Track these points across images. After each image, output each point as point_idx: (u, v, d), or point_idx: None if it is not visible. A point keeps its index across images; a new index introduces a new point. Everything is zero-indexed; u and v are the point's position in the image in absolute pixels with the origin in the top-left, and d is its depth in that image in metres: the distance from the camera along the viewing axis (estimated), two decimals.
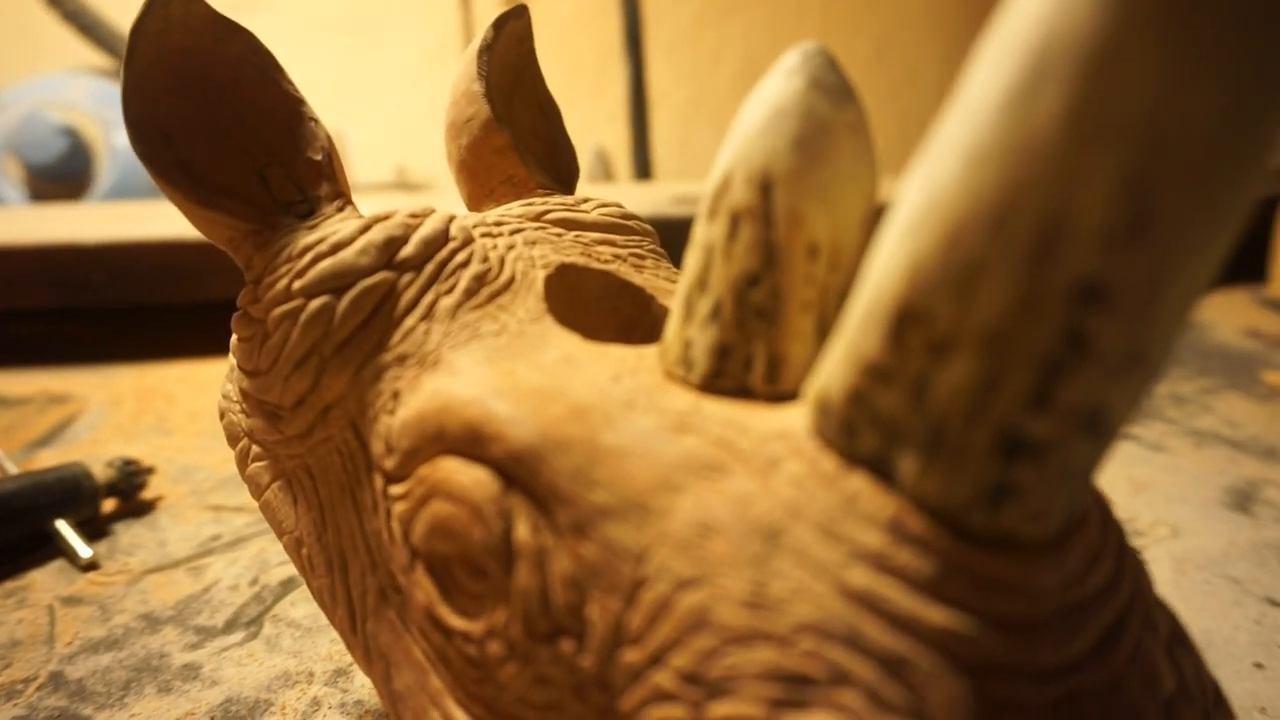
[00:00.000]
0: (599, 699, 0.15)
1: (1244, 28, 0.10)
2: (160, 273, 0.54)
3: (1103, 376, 0.11)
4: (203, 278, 0.55)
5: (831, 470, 0.14)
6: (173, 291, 0.55)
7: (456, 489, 0.16)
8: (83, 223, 0.55)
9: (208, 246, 0.54)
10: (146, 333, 0.57)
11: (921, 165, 0.12)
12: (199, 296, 0.56)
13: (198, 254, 0.54)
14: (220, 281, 0.55)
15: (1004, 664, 0.13)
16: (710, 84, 1.13)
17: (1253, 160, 0.10)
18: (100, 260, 0.52)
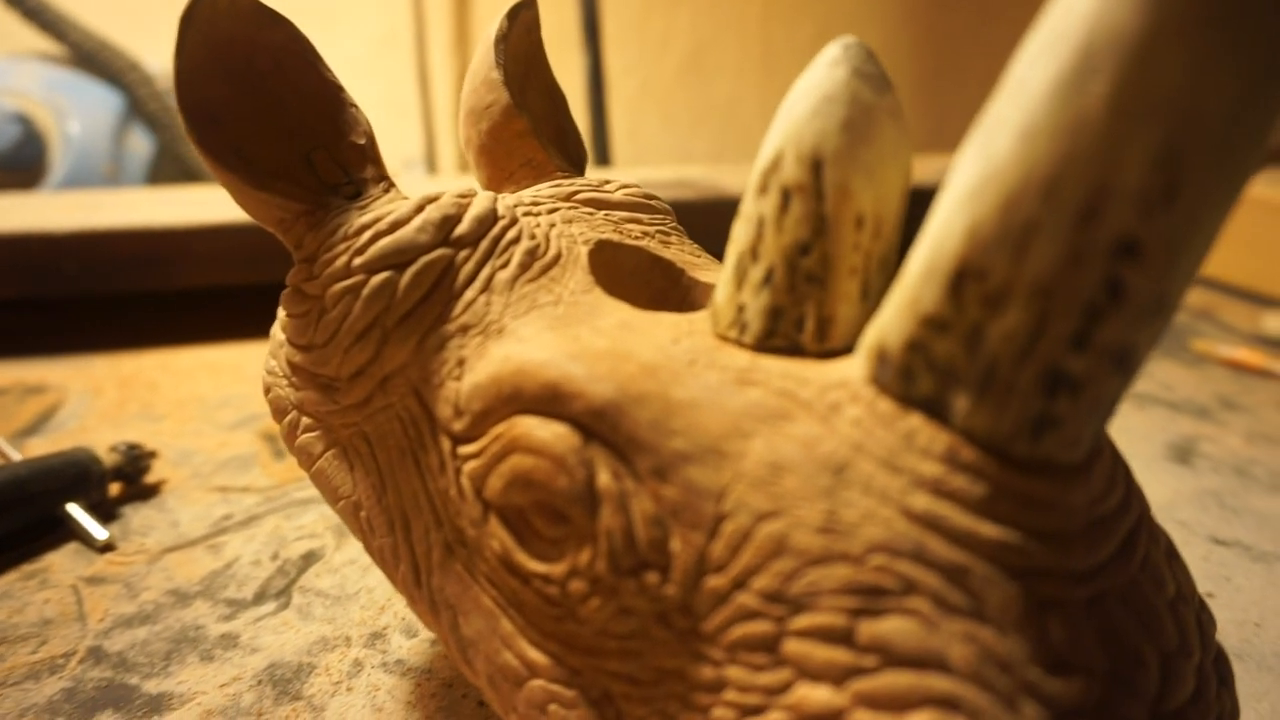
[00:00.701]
0: (683, 623, 0.17)
1: (1258, 28, 0.12)
2: (134, 261, 0.54)
3: (1133, 319, 0.14)
4: (177, 266, 0.55)
5: (889, 412, 0.16)
6: (147, 280, 0.54)
7: (538, 443, 0.18)
8: (51, 211, 0.54)
9: (183, 234, 0.54)
10: (121, 321, 0.57)
11: (975, 142, 0.14)
12: (174, 285, 0.55)
13: (172, 241, 0.54)
14: (197, 269, 0.55)
15: (1046, 569, 0.15)
16: (658, 73, 1.14)
17: (1261, 136, 0.12)
18: (72, 249, 0.52)
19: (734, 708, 0.16)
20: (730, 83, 1.27)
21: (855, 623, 0.15)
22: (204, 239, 0.55)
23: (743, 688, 0.16)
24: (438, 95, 1.14)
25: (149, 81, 0.74)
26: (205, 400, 0.47)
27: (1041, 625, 0.15)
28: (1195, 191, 0.13)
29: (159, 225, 0.54)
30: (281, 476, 0.39)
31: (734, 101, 1.29)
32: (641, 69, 1.12)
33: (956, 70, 1.35)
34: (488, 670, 0.21)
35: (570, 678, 0.19)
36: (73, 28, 0.70)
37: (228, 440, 0.42)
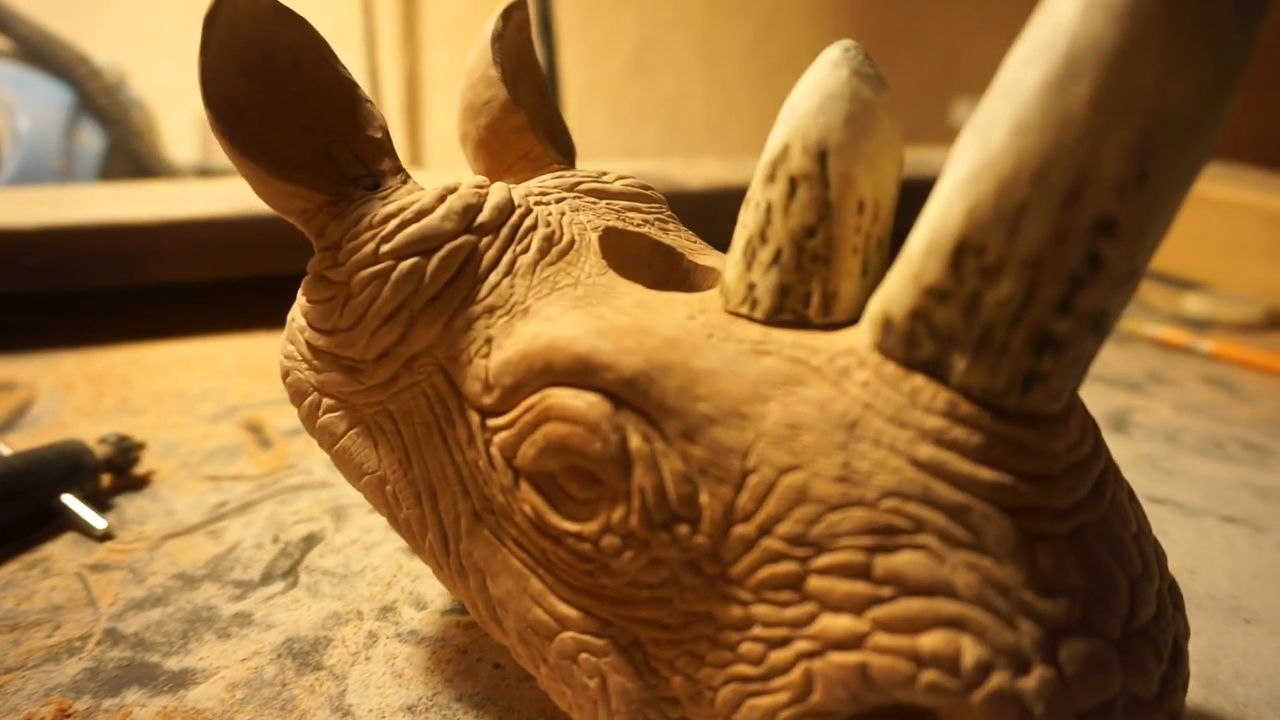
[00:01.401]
0: (711, 569, 0.19)
1: (1214, 42, 0.14)
2: (100, 256, 0.53)
3: (1109, 287, 0.16)
4: (145, 261, 0.54)
5: (894, 374, 0.18)
6: (114, 275, 0.54)
7: (572, 412, 0.19)
8: (14, 206, 0.53)
9: (150, 229, 0.54)
10: (87, 317, 0.56)
11: (972, 134, 0.16)
12: (141, 280, 0.55)
13: (139, 237, 0.53)
14: (165, 265, 0.55)
15: (1034, 507, 0.17)
16: (604, 70, 1.16)
17: (1215, 132, 0.15)
18: (36, 244, 0.51)
19: (761, 641, 0.18)
20: (675, 79, 1.29)
21: (872, 559, 0.17)
22: (172, 234, 0.54)
23: (769, 623, 0.18)
24: (387, 92, 1.14)
25: (98, 76, 0.73)
26: (183, 394, 0.47)
27: (1032, 555, 0.17)
28: (1162, 177, 0.15)
29: (125, 220, 0.54)
30: (270, 465, 0.39)
31: (679, 98, 1.31)
32: (589, 66, 1.14)
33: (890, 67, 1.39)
34: (518, 627, 0.22)
35: (600, 628, 0.21)
36: (19, 21, 0.69)
37: (211, 432, 0.42)
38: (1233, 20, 0.14)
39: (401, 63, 1.13)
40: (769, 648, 0.18)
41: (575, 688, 0.21)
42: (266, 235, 0.58)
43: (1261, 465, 0.42)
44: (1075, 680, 0.16)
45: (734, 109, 1.33)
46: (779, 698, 0.18)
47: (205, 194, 0.61)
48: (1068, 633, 0.16)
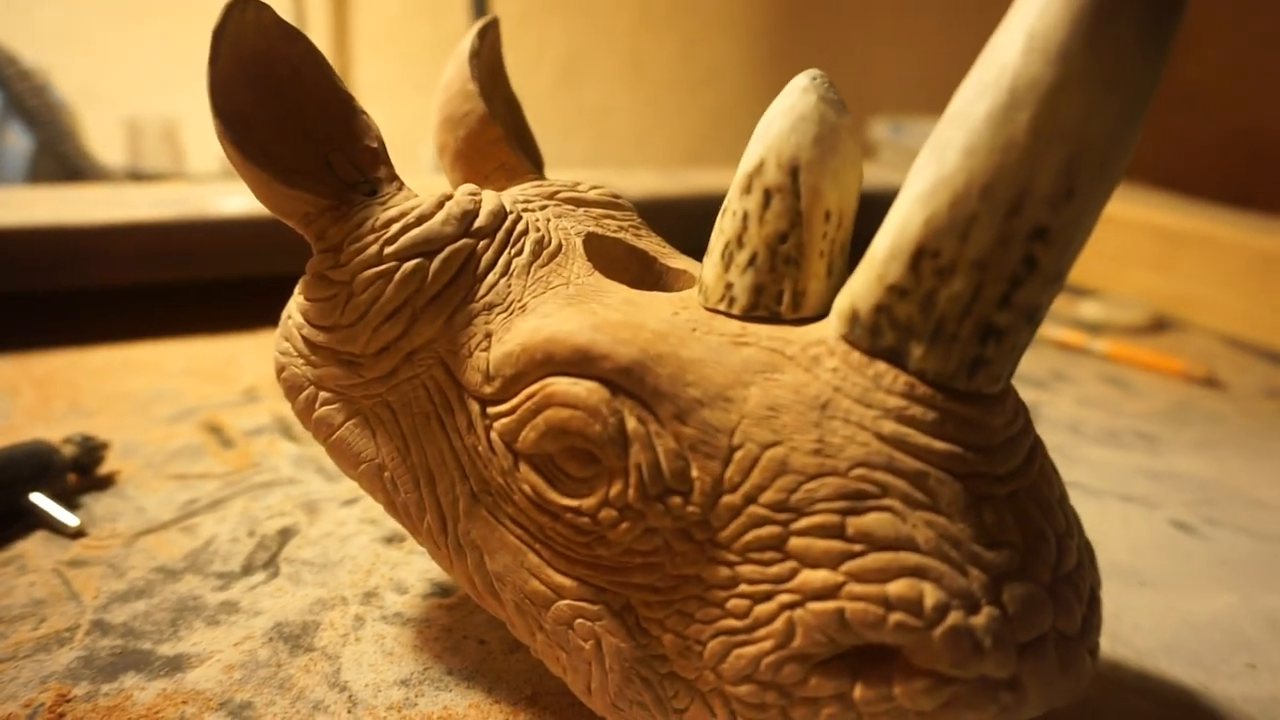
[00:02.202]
0: (701, 536, 0.21)
1: (1128, 83, 0.17)
2: (37, 260, 0.52)
3: (1041, 285, 0.19)
4: (82, 264, 0.53)
5: (859, 361, 0.20)
6: (51, 279, 0.53)
7: (573, 398, 0.21)
8: None
9: (88, 233, 0.53)
10: (23, 321, 0.55)
11: (928, 156, 0.19)
12: (78, 283, 0.54)
13: (77, 240, 0.52)
14: (107, 269, 0.54)
15: (979, 473, 0.20)
16: (532, 81, 1.17)
17: (1127, 156, 0.18)
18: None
19: (747, 597, 0.20)
20: (602, 91, 1.31)
21: (845, 520, 0.19)
22: (114, 238, 0.54)
23: (754, 580, 0.20)
24: None
25: (27, 77, 0.71)
26: (135, 396, 0.47)
27: (978, 514, 0.20)
28: (1086, 193, 0.18)
29: (66, 223, 0.53)
30: (236, 463, 0.40)
31: (605, 109, 1.33)
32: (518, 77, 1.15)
33: None
34: (515, 599, 0.24)
35: (595, 595, 0.23)
36: None
37: (171, 433, 0.42)
38: (1141, 67, 0.17)
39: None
40: (754, 602, 0.20)
41: (571, 651, 0.23)
42: (210, 240, 0.58)
43: (1152, 452, 0.47)
44: (1016, 618, 0.19)
45: (660, 121, 1.36)
46: (764, 645, 0.20)
47: (146, 198, 0.61)
48: (1009, 578, 0.19)
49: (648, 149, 1.36)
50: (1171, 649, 0.30)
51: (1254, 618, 0.32)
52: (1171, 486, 0.43)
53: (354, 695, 0.26)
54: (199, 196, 0.62)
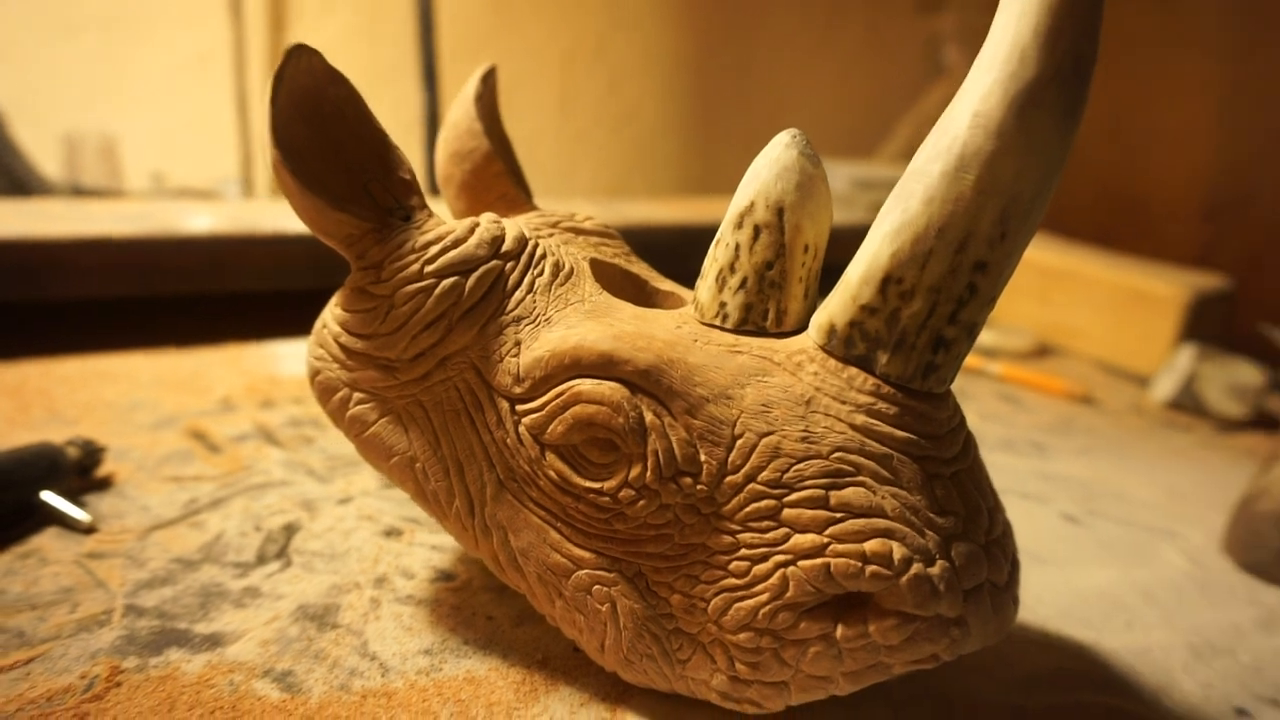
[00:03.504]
0: (707, 510, 0.25)
1: (1046, 152, 0.22)
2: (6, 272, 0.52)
3: (980, 306, 0.23)
4: (45, 278, 0.53)
5: (835, 366, 0.25)
6: (12, 291, 0.53)
7: (599, 396, 0.25)
8: None
9: (51, 247, 0.54)
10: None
11: (894, 203, 0.23)
12: (41, 296, 0.54)
13: (40, 253, 0.53)
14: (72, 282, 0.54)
15: (931, 456, 0.24)
16: None
17: (1044, 207, 0.23)
18: None
19: (746, 559, 0.24)
20: (530, 125, 1.35)
21: (828, 493, 0.24)
22: (78, 251, 0.54)
23: (752, 545, 0.24)
24: (255, 119, 1.13)
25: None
26: (113, 405, 0.47)
27: (931, 489, 0.24)
28: (1015, 236, 0.22)
29: (28, 237, 0.53)
30: (227, 467, 0.41)
31: (532, 142, 1.37)
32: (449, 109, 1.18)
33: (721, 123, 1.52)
34: (538, 570, 0.27)
35: (611, 564, 0.26)
36: None
37: (156, 439, 0.44)
38: (1057, 141, 0.22)
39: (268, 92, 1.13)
40: (752, 563, 0.24)
41: (589, 613, 0.27)
42: (175, 257, 0.58)
43: (1043, 458, 0.53)
44: (962, 569, 0.24)
45: (583, 155, 1.41)
46: (760, 598, 0.24)
47: (108, 213, 0.61)
48: (955, 539, 0.24)
49: (574, 180, 1.40)
50: (1066, 613, 0.35)
51: (1130, 588, 0.38)
52: (1059, 486, 0.49)
53: (384, 663, 0.28)
54: (164, 213, 0.63)
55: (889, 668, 0.24)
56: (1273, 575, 0.40)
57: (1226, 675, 0.32)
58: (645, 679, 0.27)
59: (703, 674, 0.26)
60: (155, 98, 1.04)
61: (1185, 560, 0.41)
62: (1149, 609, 0.36)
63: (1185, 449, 0.58)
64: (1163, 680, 0.31)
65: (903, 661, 0.24)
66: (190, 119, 1.08)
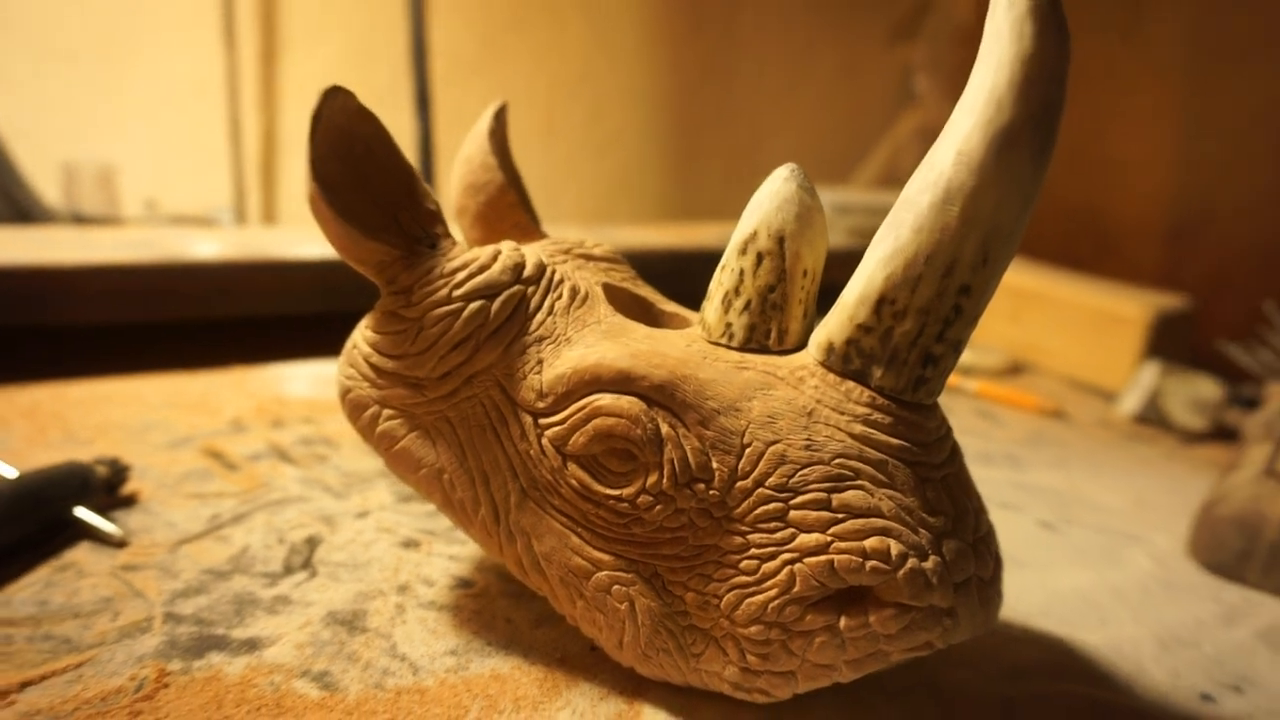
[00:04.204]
0: (719, 513, 0.27)
1: (1022, 187, 0.24)
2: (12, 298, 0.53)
3: (964, 325, 0.26)
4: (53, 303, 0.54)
5: (834, 380, 0.27)
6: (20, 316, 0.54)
7: (617, 409, 0.27)
8: None
9: (60, 273, 0.55)
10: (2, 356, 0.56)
11: (887, 232, 0.26)
12: (48, 321, 0.55)
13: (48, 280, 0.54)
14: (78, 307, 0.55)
15: (922, 461, 0.27)
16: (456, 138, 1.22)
17: (1019, 237, 0.25)
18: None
19: (756, 558, 0.26)
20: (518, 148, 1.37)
21: (830, 496, 0.26)
22: (85, 278, 0.55)
23: (761, 545, 0.26)
24: (247, 147, 1.14)
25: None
26: (126, 426, 0.49)
27: (923, 491, 0.26)
28: (995, 261, 0.25)
29: (37, 264, 0.54)
30: (245, 484, 0.43)
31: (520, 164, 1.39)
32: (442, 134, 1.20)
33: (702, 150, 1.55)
34: (560, 573, 0.29)
35: (629, 566, 0.28)
36: None
37: (174, 459, 0.45)
38: (1031, 176, 0.24)
39: (260, 121, 1.15)
40: (762, 562, 0.26)
41: (608, 612, 0.28)
42: (182, 282, 0.60)
43: (1018, 469, 0.56)
44: (952, 564, 0.26)
45: (568, 180, 1.44)
46: (770, 593, 0.26)
47: (115, 240, 0.62)
48: (945, 537, 0.26)
49: (560, 206, 1.43)
50: (1045, 612, 0.37)
51: (1102, 588, 0.40)
52: (1035, 495, 0.51)
53: (414, 663, 0.30)
54: (169, 240, 0.64)
55: (888, 655, 0.26)
56: (1233, 575, 0.42)
57: (1192, 665, 0.34)
58: (661, 673, 0.29)
59: (715, 666, 0.28)
60: (149, 126, 1.05)
61: (1152, 562, 0.44)
62: (1120, 607, 0.38)
63: (1151, 460, 0.61)
64: (1134, 670, 0.34)
65: (900, 649, 0.26)
66: (183, 147, 1.09)
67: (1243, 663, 0.35)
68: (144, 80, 1.06)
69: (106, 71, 1.03)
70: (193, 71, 1.08)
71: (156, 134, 1.07)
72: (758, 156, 1.52)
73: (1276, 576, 0.41)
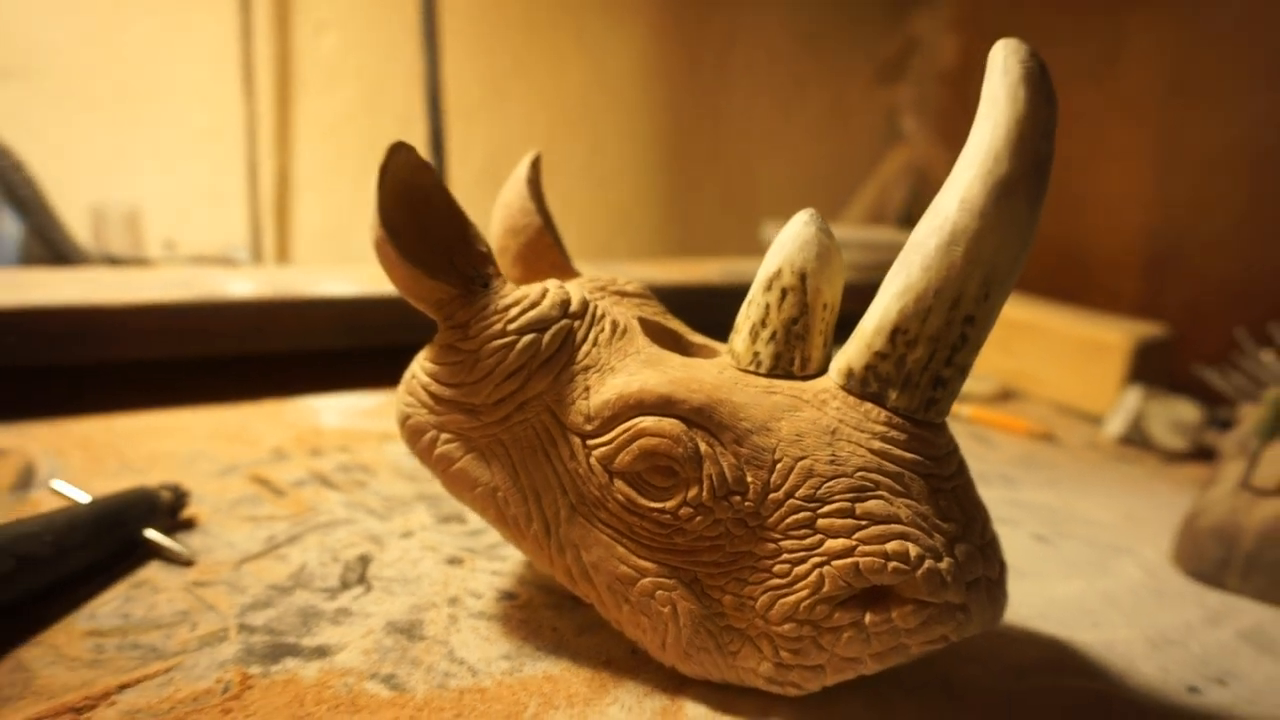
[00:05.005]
0: (754, 523, 0.29)
1: (1020, 230, 0.27)
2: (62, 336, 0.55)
3: (970, 352, 0.29)
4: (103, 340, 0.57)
5: (854, 402, 0.30)
6: (73, 353, 0.56)
7: (660, 430, 0.30)
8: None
9: (115, 312, 0.58)
10: (49, 393, 0.58)
11: (898, 268, 0.29)
12: (99, 358, 0.58)
13: (104, 318, 0.57)
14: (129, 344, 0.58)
15: (934, 474, 0.29)
16: (459, 175, 1.26)
17: (1018, 272, 0.28)
18: (10, 324, 0.53)
19: (788, 562, 0.29)
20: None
21: (854, 505, 0.28)
22: (140, 316, 0.58)
23: (793, 550, 0.29)
24: (263, 188, 1.17)
25: (19, 167, 0.73)
26: (174, 456, 0.51)
27: (935, 501, 0.29)
28: (996, 296, 0.28)
29: (88, 303, 0.57)
30: (294, 508, 0.45)
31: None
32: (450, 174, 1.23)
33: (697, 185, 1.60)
34: (607, 580, 0.32)
35: (671, 573, 0.31)
36: None
37: (223, 486, 0.47)
38: (1027, 220, 0.27)
39: (274, 163, 1.18)
40: (793, 565, 0.29)
41: (652, 615, 0.31)
42: (219, 320, 0.63)
43: (1012, 488, 0.58)
44: (963, 565, 0.28)
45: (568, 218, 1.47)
46: (801, 594, 0.29)
47: (154, 281, 0.65)
48: (957, 540, 0.29)
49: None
50: (1043, 616, 0.40)
51: (1095, 594, 0.43)
52: (1029, 512, 0.54)
53: (472, 666, 0.32)
54: (206, 280, 0.67)
55: (908, 648, 0.29)
56: (1214, 581, 0.45)
57: (1180, 662, 0.37)
58: (701, 670, 0.31)
59: (751, 662, 0.30)
60: (170, 169, 1.08)
61: (1140, 571, 0.46)
62: (1112, 611, 0.41)
63: (1136, 478, 0.64)
64: (1127, 666, 0.36)
65: (919, 642, 0.29)
66: (202, 189, 1.12)
67: (1226, 659, 0.37)
68: (166, 126, 1.09)
69: (130, 118, 1.06)
70: (213, 117, 1.12)
71: (176, 177, 1.10)
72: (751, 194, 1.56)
73: (1254, 582, 0.44)
